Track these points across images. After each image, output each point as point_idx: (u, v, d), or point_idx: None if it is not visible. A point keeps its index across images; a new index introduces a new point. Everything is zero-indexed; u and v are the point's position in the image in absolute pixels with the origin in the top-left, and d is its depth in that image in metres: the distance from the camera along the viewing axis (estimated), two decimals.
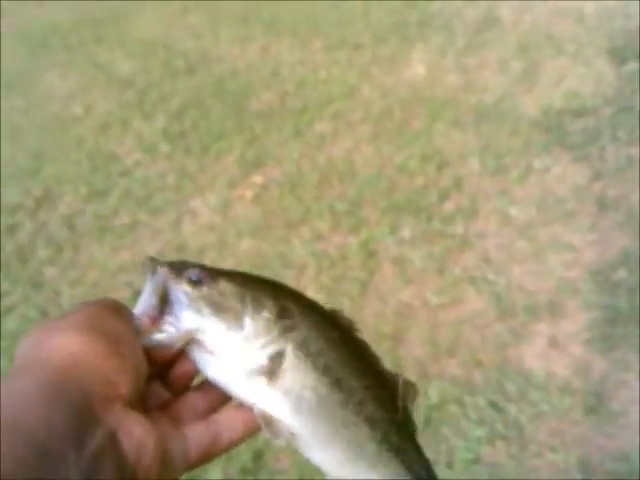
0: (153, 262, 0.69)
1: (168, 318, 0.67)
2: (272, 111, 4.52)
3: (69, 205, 3.90)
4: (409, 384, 0.76)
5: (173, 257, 2.59)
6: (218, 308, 0.68)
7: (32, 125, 4.71)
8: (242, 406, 0.68)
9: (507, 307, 2.87)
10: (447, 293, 2.97)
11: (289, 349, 0.68)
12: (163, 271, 0.68)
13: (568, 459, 2.31)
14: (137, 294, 0.69)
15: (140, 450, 0.57)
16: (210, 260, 3.33)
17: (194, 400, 0.68)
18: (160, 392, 0.68)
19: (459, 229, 3.32)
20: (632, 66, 4.36)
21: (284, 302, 0.70)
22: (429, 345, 2.72)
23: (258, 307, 0.68)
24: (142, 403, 0.62)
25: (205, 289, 0.68)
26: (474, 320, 2.83)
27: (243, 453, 2.41)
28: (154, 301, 0.67)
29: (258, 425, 0.68)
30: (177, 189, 3.90)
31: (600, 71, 4.38)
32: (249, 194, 3.77)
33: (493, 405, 2.50)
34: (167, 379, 0.69)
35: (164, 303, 0.67)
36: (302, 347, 0.69)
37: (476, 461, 2.32)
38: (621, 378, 2.55)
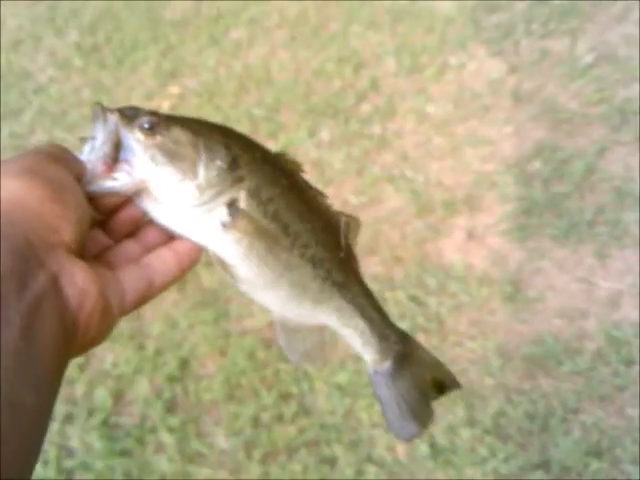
0: (103, 109, 0.68)
1: (122, 166, 0.67)
2: (186, 20, 4.42)
3: None
4: (351, 220, 0.81)
5: None
6: (172, 156, 0.68)
7: None
8: (173, 246, 0.69)
9: (425, 203, 2.90)
10: (366, 193, 2.98)
11: (242, 197, 0.70)
12: (114, 118, 0.67)
13: (487, 346, 2.37)
14: (83, 141, 0.68)
15: (82, 298, 0.57)
16: None
17: (130, 247, 0.69)
18: (99, 238, 0.68)
19: (377, 129, 3.32)
20: None
21: (236, 151, 0.71)
22: None
23: (211, 156, 0.69)
24: (83, 250, 0.62)
25: (158, 137, 0.68)
26: (393, 218, 2.86)
27: (169, 362, 2.42)
28: (107, 148, 0.67)
29: (190, 265, 0.70)
30: (93, 104, 3.82)
31: None
32: (166, 104, 3.71)
33: (414, 299, 2.54)
34: (108, 226, 0.69)
35: (117, 150, 0.67)
36: (254, 195, 0.71)
37: None
38: (537, 266, 2.61)
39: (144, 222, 0.70)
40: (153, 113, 0.69)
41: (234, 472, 2.16)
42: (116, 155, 0.67)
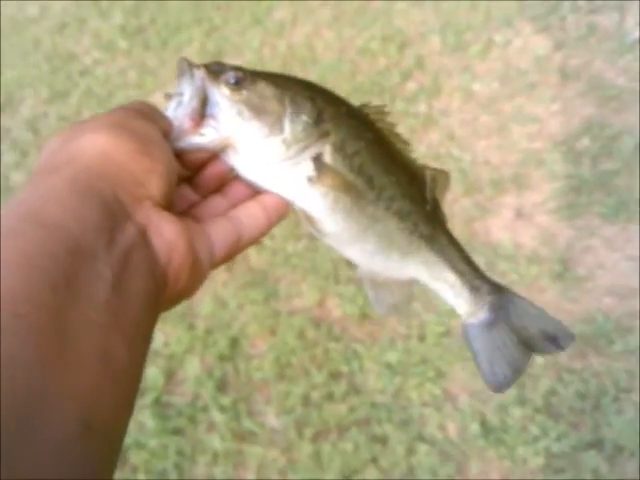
0: (189, 65, 0.68)
1: (209, 121, 0.67)
2: (230, 0, 4.43)
3: (31, 108, 3.85)
4: (439, 174, 0.81)
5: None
6: (258, 111, 0.68)
7: None
8: (261, 199, 0.70)
9: (473, 182, 2.89)
10: None
11: (327, 152, 0.70)
12: (200, 74, 0.68)
13: None
14: (167, 97, 0.69)
15: (171, 251, 0.57)
16: None
17: (217, 202, 0.69)
18: (187, 194, 0.69)
19: (422, 108, 3.31)
20: None
21: (321, 105, 0.71)
22: None
23: (297, 110, 0.69)
24: (171, 205, 0.62)
25: (244, 92, 0.68)
26: None
27: (219, 341, 2.44)
28: (195, 104, 0.67)
29: (279, 218, 0.71)
30: (138, 85, 3.84)
31: None
32: None
33: None
34: (195, 182, 0.70)
35: (203, 106, 0.68)
36: (339, 150, 0.71)
37: (447, 333, 2.37)
38: (587, 244, 2.59)
39: (230, 178, 0.71)
40: (238, 68, 0.69)
41: (285, 450, 2.18)
42: (203, 111, 0.68)
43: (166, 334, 2.48)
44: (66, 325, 0.45)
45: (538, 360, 2.27)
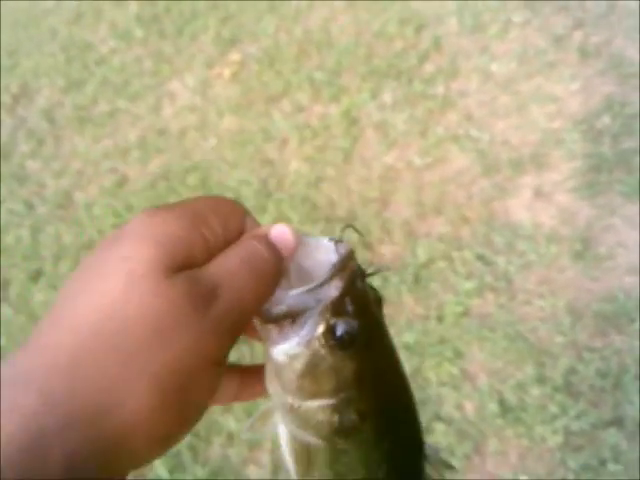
0: (341, 269, 0.52)
1: (273, 330, 0.52)
2: None
3: (47, 98, 3.84)
4: None
5: (155, 142, 2.51)
6: (313, 376, 0.53)
7: (4, 22, 4.58)
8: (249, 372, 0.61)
9: (491, 162, 2.86)
10: (431, 153, 2.95)
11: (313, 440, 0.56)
12: (332, 291, 0.51)
13: (556, 304, 2.34)
14: (332, 243, 0.53)
15: None
16: (192, 140, 3.31)
17: None
18: None
19: (440, 89, 3.27)
20: None
21: (362, 422, 0.54)
22: (415, 206, 2.72)
23: (336, 411, 0.53)
24: None
25: (327, 352, 0.52)
26: (459, 178, 2.82)
27: None
28: (283, 310, 0.52)
29: (250, 397, 0.61)
30: (154, 73, 3.83)
31: None
32: (227, 72, 3.71)
33: (481, 258, 2.51)
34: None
35: (297, 314, 0.52)
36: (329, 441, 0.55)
37: (466, 314, 2.35)
38: (607, 223, 2.56)
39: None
40: (364, 327, 0.52)
41: None
42: (289, 315, 0.52)
43: None
44: None
45: (557, 339, 2.25)
